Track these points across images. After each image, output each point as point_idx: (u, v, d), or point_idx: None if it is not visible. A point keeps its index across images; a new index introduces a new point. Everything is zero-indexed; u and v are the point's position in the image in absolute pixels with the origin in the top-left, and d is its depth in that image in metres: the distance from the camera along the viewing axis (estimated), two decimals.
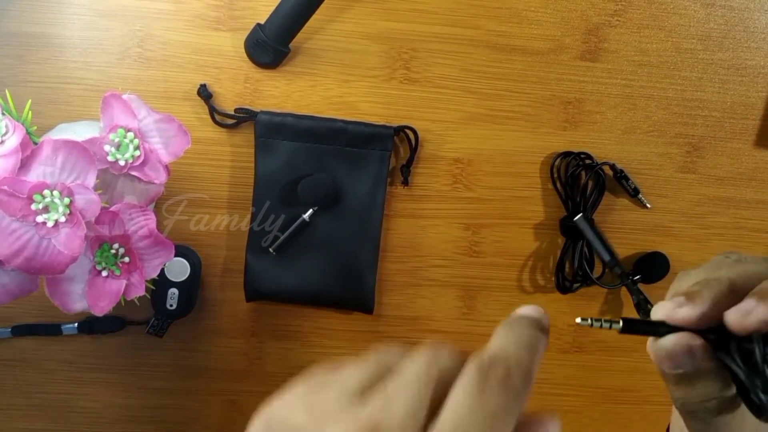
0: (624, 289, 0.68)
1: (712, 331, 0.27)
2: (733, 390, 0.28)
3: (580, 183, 0.66)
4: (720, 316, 0.27)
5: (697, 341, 0.27)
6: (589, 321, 0.28)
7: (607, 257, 0.66)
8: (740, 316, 0.26)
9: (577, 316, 0.28)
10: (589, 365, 0.71)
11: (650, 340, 0.29)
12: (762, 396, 0.26)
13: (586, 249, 0.67)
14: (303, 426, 0.22)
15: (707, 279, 0.28)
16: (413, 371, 0.22)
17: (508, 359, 0.22)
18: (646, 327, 0.28)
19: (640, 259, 0.69)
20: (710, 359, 0.27)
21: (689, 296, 0.27)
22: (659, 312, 0.28)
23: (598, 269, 0.69)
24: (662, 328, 0.28)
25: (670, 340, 0.27)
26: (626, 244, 0.69)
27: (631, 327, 0.28)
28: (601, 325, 0.27)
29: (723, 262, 0.30)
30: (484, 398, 0.20)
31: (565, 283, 0.68)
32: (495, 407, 0.20)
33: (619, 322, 0.28)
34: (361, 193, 0.65)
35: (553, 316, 0.70)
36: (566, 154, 0.67)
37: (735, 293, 0.27)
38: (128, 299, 0.50)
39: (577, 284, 0.68)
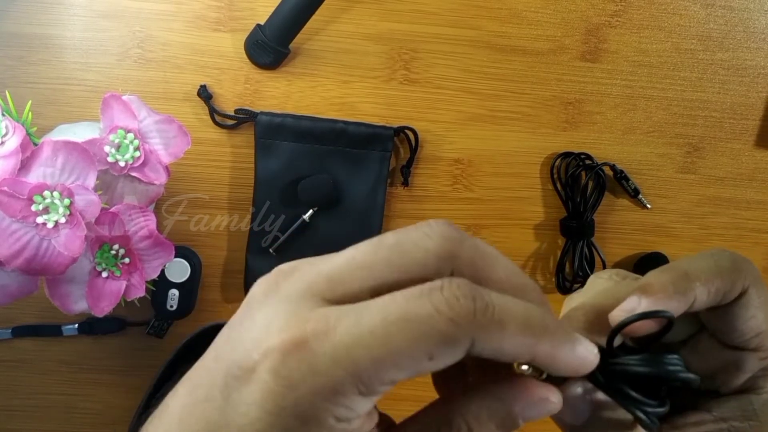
0: None
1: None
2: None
3: (580, 183, 0.66)
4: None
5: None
6: None
7: None
8: (625, 313, 0.24)
9: None
10: None
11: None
12: (642, 415, 0.23)
13: (586, 249, 0.67)
14: (256, 297, 0.20)
15: (567, 314, 0.26)
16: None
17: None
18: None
19: (640, 260, 0.69)
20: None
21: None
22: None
23: (598, 269, 0.69)
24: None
25: (572, 389, 0.24)
26: (626, 245, 0.69)
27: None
28: None
29: (595, 283, 0.28)
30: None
31: (565, 284, 0.68)
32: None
33: None
34: (362, 194, 0.65)
35: None
36: (566, 155, 0.67)
37: (600, 317, 0.25)
38: (128, 300, 0.50)
39: (578, 284, 0.68)
